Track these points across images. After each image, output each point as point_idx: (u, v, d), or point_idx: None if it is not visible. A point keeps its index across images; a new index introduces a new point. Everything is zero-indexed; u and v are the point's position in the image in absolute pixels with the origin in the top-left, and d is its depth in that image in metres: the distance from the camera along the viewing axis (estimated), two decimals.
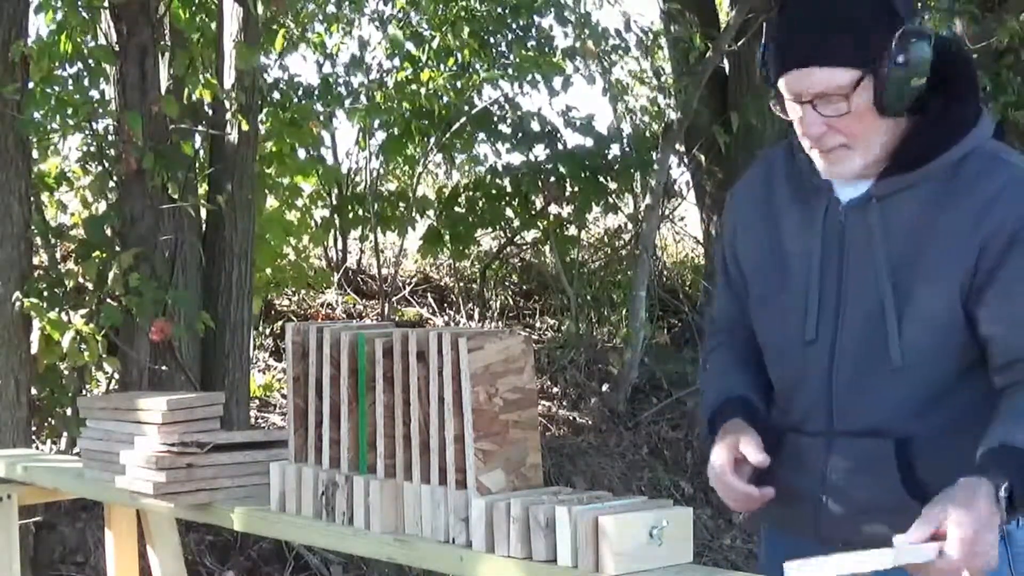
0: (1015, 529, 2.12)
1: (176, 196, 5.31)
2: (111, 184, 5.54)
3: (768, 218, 2.23)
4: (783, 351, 2.21)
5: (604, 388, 7.61)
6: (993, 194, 2.03)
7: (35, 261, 5.29)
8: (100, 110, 5.51)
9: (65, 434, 5.30)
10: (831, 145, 2.08)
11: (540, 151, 7.87)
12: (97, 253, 5.24)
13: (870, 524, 2.11)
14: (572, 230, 8.39)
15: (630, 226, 8.74)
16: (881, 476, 2.10)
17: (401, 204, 7.83)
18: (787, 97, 2.08)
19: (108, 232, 5.35)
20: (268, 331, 7.60)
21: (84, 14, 5.47)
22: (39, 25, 5.99)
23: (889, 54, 2.00)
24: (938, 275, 2.04)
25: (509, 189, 7.95)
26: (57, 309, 5.02)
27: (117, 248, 5.24)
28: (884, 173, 2.10)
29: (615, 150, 7.98)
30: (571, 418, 7.28)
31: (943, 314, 2.05)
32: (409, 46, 7.88)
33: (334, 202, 8.10)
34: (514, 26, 8.08)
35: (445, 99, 7.87)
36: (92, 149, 5.64)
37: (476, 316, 8.40)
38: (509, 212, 8.10)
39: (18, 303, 4.90)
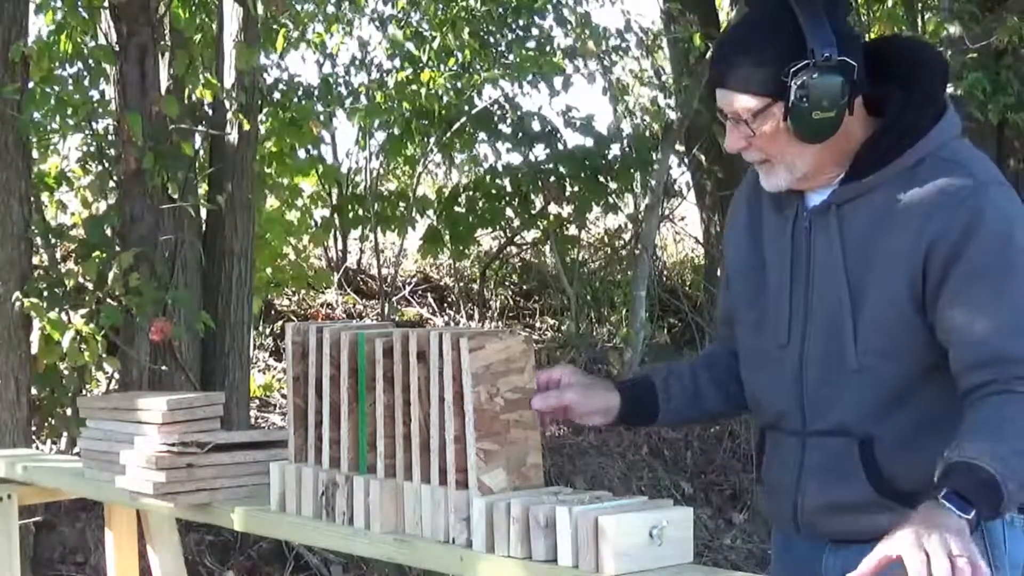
0: (994, 523, 2.14)
1: (176, 196, 5.31)
2: (111, 184, 5.54)
3: (752, 226, 2.30)
4: (761, 354, 2.26)
5: None
6: (940, 197, 2.06)
7: (35, 261, 5.28)
8: (100, 110, 5.51)
9: (65, 434, 5.29)
10: (753, 159, 2.16)
11: (540, 151, 7.88)
12: (97, 253, 5.23)
13: (842, 519, 2.17)
14: (572, 230, 8.39)
15: (630, 226, 8.74)
16: (849, 474, 2.15)
17: (401, 204, 7.83)
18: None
19: (108, 232, 5.35)
20: (268, 331, 7.60)
21: (84, 14, 5.47)
22: (39, 25, 5.99)
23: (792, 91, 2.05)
24: (887, 278, 2.08)
25: (509, 189, 7.95)
26: (57, 309, 5.02)
27: (117, 248, 5.24)
28: (844, 179, 2.15)
29: (615, 150, 7.99)
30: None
31: (893, 315, 2.09)
32: (409, 46, 7.88)
33: (334, 202, 8.10)
34: (514, 26, 8.08)
35: (445, 99, 7.87)
36: (92, 149, 5.64)
37: (476, 316, 8.40)
38: (509, 212, 8.10)
39: (18, 303, 4.90)
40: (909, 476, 2.10)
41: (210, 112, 5.77)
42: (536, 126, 7.86)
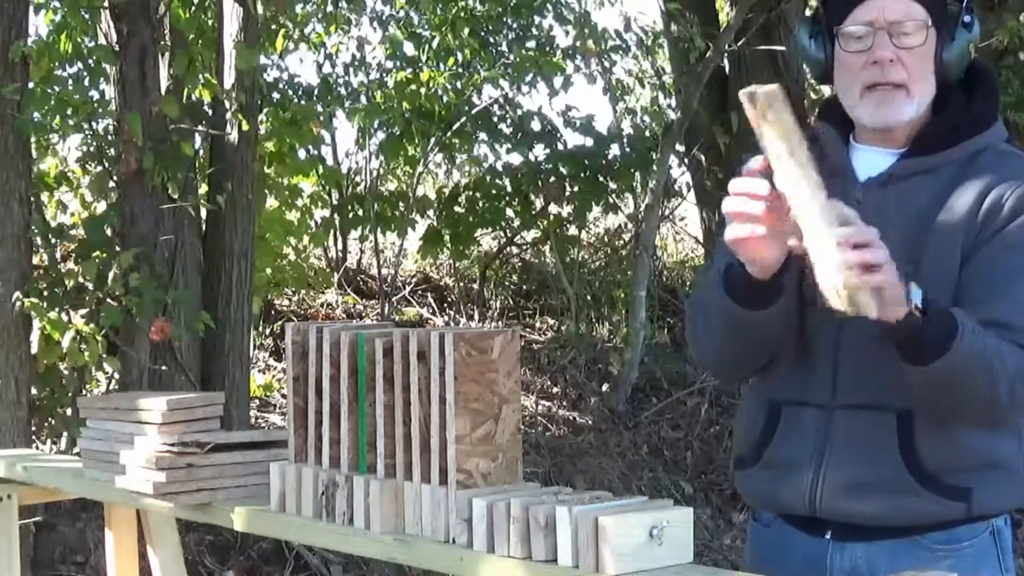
0: (1003, 526, 2.18)
1: (176, 196, 5.31)
2: (111, 184, 5.54)
3: None
4: (791, 324, 2.19)
5: (604, 388, 7.61)
6: (1000, 177, 2.13)
7: (35, 261, 5.29)
8: (100, 110, 5.51)
9: (65, 434, 5.29)
10: (894, 78, 2.16)
11: (540, 151, 7.88)
12: (97, 253, 5.24)
13: (865, 498, 2.13)
14: (572, 230, 8.38)
15: (630, 226, 8.74)
16: (881, 450, 2.12)
17: (401, 204, 7.83)
18: (855, 31, 2.16)
19: (108, 232, 5.35)
20: (268, 331, 7.60)
21: (84, 14, 5.47)
22: (39, 25, 5.99)
23: (955, 18, 2.18)
24: (942, 250, 2.11)
25: (509, 189, 7.94)
26: (57, 309, 5.02)
27: (117, 248, 5.24)
28: (905, 155, 2.20)
29: (615, 150, 7.99)
30: (571, 418, 7.27)
31: (945, 286, 2.09)
32: (409, 48, 7.88)
33: (334, 202, 8.10)
34: (514, 26, 8.08)
35: (445, 99, 7.87)
36: (92, 149, 5.64)
37: (476, 316, 8.40)
38: (509, 212, 8.10)
39: (18, 303, 4.90)
40: (939, 456, 2.09)
41: (210, 112, 5.77)
42: (536, 126, 7.85)
